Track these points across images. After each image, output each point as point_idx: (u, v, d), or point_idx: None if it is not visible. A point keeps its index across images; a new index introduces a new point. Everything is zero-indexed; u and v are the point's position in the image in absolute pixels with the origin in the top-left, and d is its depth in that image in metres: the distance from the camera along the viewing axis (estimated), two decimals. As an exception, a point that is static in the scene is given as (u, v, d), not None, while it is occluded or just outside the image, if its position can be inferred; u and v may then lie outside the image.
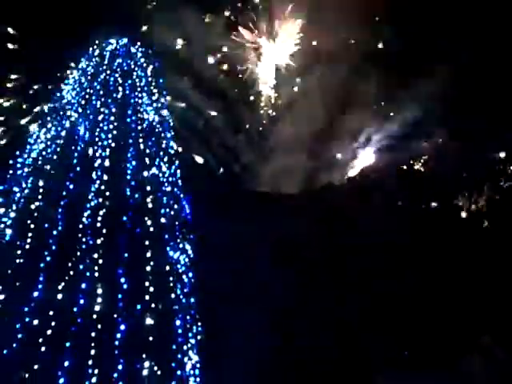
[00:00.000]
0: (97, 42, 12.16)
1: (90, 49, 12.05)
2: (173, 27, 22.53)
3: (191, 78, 24.86)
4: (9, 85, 19.58)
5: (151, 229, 10.22)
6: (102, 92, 11.23)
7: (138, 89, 11.56)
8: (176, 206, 11.20)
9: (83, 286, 9.18)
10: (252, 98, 28.47)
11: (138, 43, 12.25)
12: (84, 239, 9.59)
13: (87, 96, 11.30)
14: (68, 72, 13.78)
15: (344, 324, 14.96)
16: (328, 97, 26.51)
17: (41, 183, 10.31)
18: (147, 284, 9.67)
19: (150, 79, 11.99)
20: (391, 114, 26.04)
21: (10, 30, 19.80)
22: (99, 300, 9.14)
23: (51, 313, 8.73)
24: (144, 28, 18.07)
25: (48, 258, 9.36)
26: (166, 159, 11.66)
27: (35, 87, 18.49)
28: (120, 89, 11.28)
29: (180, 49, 25.19)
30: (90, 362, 8.44)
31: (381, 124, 26.63)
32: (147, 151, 11.19)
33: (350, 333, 14.84)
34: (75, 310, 8.92)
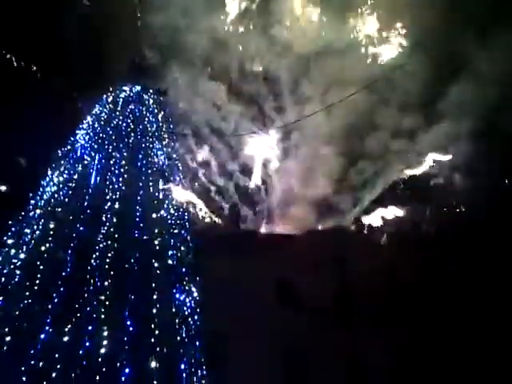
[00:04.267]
0: (111, 88, 12.62)
1: (104, 96, 12.51)
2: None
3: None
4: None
5: (158, 271, 10.36)
6: (114, 137, 11.61)
7: (149, 134, 11.94)
8: (183, 248, 11.36)
9: (89, 328, 9.27)
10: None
11: (151, 90, 12.70)
12: (92, 281, 9.74)
13: (100, 140, 11.68)
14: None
15: (352, 372, 14.71)
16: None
17: (51, 225, 10.54)
18: (153, 326, 9.74)
19: (160, 125, 12.40)
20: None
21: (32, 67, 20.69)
22: (105, 343, 9.21)
23: (57, 355, 8.79)
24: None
25: (56, 300, 9.49)
26: (174, 202, 11.91)
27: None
28: (132, 134, 11.66)
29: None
30: (95, 406, 8.45)
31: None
32: (156, 194, 11.46)
33: (358, 380, 14.60)
34: (81, 352, 8.98)
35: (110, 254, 10.04)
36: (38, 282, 9.82)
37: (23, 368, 8.58)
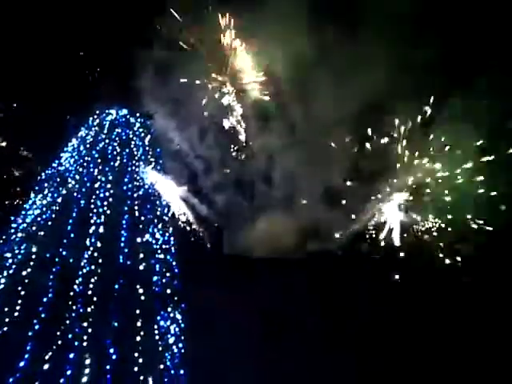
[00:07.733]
0: (97, 111, 12.54)
1: (90, 118, 12.42)
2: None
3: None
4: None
5: (142, 297, 10.16)
6: (99, 160, 11.50)
7: (136, 157, 11.86)
8: (168, 274, 11.17)
9: (71, 355, 9.02)
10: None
11: (137, 114, 12.66)
12: (74, 307, 9.51)
13: (85, 164, 11.56)
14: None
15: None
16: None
17: (34, 249, 10.32)
18: (136, 354, 9.50)
19: (147, 148, 12.33)
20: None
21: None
22: (86, 371, 8.96)
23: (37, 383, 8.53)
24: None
25: (37, 326, 9.23)
26: (160, 226, 11.76)
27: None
28: (118, 157, 11.57)
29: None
30: None
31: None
32: (142, 218, 11.31)
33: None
34: (62, 380, 8.72)
35: (93, 280, 9.83)
36: (18, 307, 9.56)
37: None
